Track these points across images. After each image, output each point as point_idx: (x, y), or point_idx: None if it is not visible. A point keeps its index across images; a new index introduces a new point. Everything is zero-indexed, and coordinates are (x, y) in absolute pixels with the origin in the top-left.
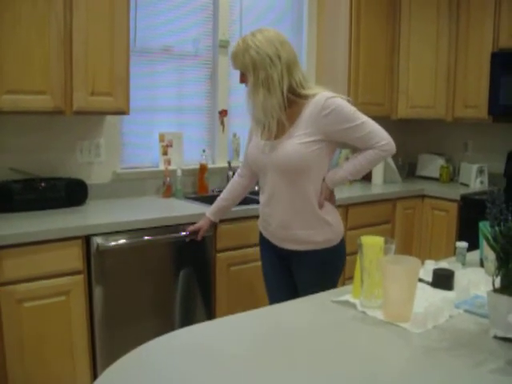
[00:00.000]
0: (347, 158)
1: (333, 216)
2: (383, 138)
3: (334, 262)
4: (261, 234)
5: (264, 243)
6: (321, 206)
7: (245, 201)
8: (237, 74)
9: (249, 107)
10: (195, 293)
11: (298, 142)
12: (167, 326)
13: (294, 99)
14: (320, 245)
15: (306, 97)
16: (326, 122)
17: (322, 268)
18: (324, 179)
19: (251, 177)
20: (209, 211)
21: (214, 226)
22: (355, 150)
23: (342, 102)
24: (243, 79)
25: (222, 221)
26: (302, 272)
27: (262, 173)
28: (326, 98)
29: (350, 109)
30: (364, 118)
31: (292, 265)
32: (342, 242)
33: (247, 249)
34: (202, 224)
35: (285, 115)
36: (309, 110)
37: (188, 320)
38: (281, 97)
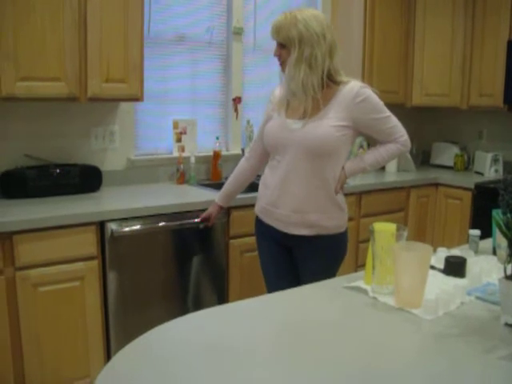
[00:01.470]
0: (361, 146)
1: (344, 203)
2: (404, 133)
3: (340, 249)
4: (259, 222)
5: (263, 230)
6: (336, 192)
7: (256, 188)
8: (251, 61)
9: (286, 80)
10: (208, 279)
11: (331, 123)
12: (180, 312)
13: (328, 82)
14: (330, 230)
15: (339, 82)
16: (358, 110)
17: (328, 254)
18: (343, 167)
19: (260, 159)
20: (217, 197)
21: (224, 211)
22: (370, 138)
23: (372, 93)
24: (280, 52)
25: (235, 207)
26: (307, 258)
27: (279, 152)
28: (359, 87)
29: (379, 101)
30: (389, 112)
31: (296, 251)
32: (347, 231)
33: None
34: (211, 211)
35: (321, 95)
36: (342, 95)
37: (201, 306)
38: (320, 76)
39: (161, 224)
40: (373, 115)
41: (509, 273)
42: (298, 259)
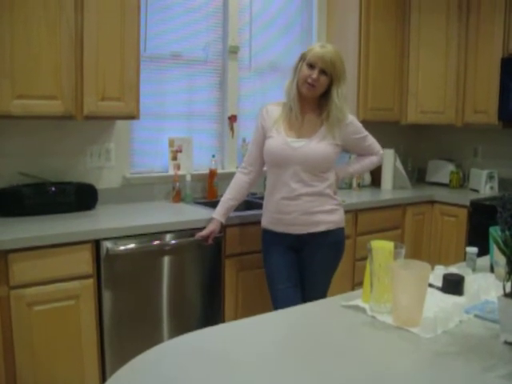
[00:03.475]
0: (349, 157)
1: (339, 200)
2: (380, 148)
3: (341, 245)
4: (267, 234)
5: (273, 239)
6: (335, 193)
7: (252, 206)
8: (245, 80)
9: (332, 109)
10: (204, 297)
11: (329, 142)
12: (176, 331)
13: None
14: (336, 224)
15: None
16: (347, 131)
17: (333, 249)
18: (336, 173)
19: (259, 173)
20: (217, 213)
21: (222, 227)
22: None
23: (353, 117)
24: (320, 78)
25: (230, 226)
26: (316, 254)
27: (281, 167)
28: (347, 111)
29: (359, 123)
30: (367, 132)
31: (305, 250)
32: (344, 230)
33: (256, 254)
34: (213, 228)
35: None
36: (334, 118)
37: (197, 325)
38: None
39: (156, 242)
40: (357, 135)
41: (508, 290)
42: (307, 257)
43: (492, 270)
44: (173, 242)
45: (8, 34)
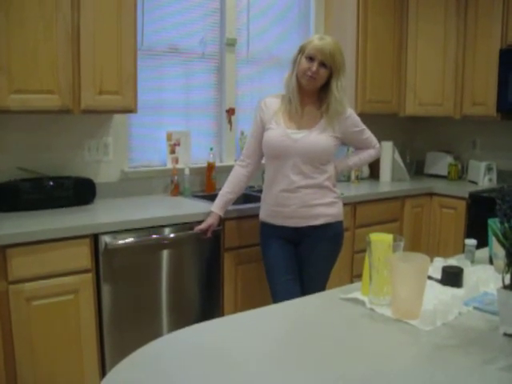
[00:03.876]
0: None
1: (338, 193)
2: (377, 142)
3: (341, 237)
4: (265, 226)
5: (271, 232)
6: (334, 186)
7: (250, 199)
8: (244, 72)
9: (331, 101)
10: (203, 291)
11: (329, 135)
12: (175, 324)
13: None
14: (334, 217)
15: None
16: (346, 124)
17: (336, 240)
18: (335, 166)
19: (257, 165)
20: (216, 207)
21: (221, 220)
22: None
23: (352, 110)
24: (319, 71)
25: (228, 219)
26: (315, 248)
27: (281, 159)
28: (346, 105)
29: (357, 116)
30: (364, 126)
31: (304, 244)
32: (343, 223)
33: (255, 247)
34: (212, 221)
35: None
36: (334, 110)
37: (196, 318)
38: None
39: (155, 236)
40: (355, 128)
41: (507, 282)
42: (306, 251)
43: (491, 261)
44: (171, 235)
45: (4, 29)
